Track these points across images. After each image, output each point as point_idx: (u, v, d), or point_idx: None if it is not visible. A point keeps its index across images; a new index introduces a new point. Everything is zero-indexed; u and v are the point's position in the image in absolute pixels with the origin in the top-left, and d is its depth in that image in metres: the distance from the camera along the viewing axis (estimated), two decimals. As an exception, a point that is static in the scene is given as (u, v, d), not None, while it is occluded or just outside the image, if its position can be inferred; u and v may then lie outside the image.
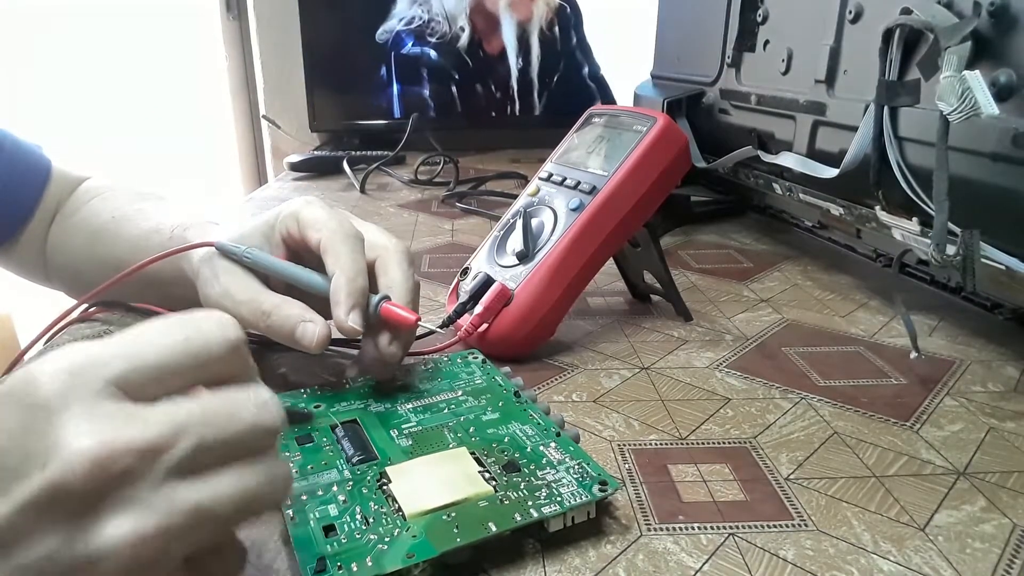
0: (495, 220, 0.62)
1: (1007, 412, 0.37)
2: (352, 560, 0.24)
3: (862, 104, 0.45)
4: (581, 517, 0.27)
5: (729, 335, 0.47)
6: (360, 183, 0.93)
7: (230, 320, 0.22)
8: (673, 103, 0.71)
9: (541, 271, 0.42)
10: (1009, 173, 0.35)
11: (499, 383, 0.36)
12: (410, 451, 0.30)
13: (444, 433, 0.31)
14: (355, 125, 1.22)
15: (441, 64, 1.20)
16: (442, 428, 0.32)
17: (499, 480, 0.28)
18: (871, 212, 0.47)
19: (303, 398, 0.35)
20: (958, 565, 0.26)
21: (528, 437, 0.31)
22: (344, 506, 0.27)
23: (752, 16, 0.61)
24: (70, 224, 0.48)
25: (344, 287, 0.34)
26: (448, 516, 0.26)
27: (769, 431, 0.35)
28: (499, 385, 0.36)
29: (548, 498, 0.27)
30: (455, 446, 0.30)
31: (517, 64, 1.22)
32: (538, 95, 1.24)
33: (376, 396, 0.35)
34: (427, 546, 0.24)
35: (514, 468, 0.29)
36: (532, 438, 0.31)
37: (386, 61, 1.19)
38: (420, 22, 1.17)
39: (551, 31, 1.21)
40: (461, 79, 1.21)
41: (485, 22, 1.19)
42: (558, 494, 0.27)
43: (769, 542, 0.27)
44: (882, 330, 0.48)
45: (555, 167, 0.49)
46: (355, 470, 0.29)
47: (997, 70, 0.35)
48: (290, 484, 0.22)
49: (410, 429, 0.32)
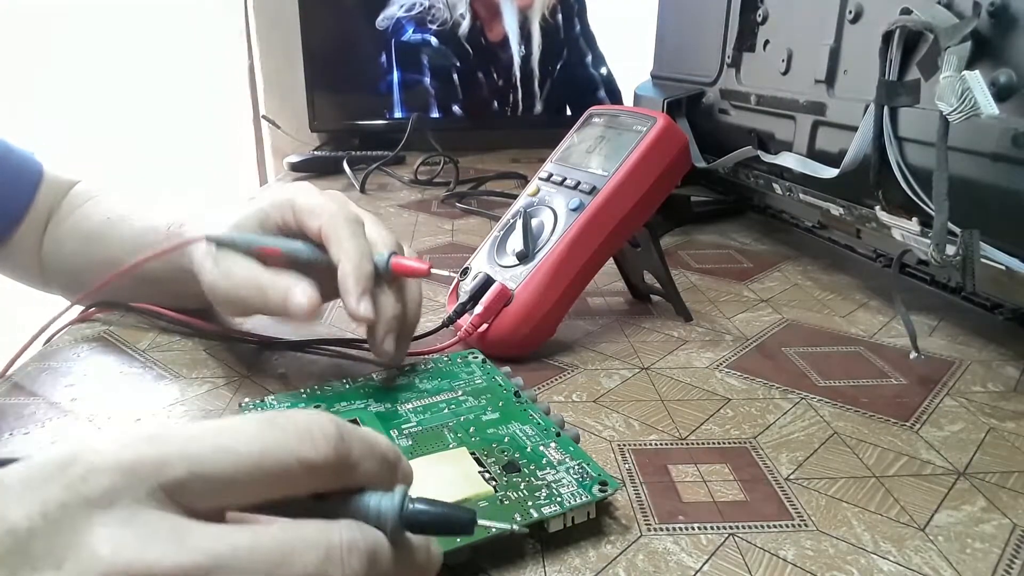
0: (495, 220, 0.62)
1: (1007, 412, 0.37)
2: None
3: (862, 104, 0.45)
4: (581, 517, 0.27)
5: (729, 335, 0.47)
6: (360, 183, 0.93)
7: (330, 424, 0.19)
8: (673, 103, 0.71)
9: (541, 271, 0.42)
10: (1009, 173, 0.35)
11: (499, 383, 0.36)
12: (410, 451, 0.30)
13: (444, 433, 0.32)
14: (355, 125, 1.22)
15: (442, 51, 1.19)
16: (442, 428, 0.32)
17: (499, 480, 0.28)
18: (871, 212, 0.47)
19: (303, 398, 0.35)
20: (958, 565, 0.26)
21: (528, 437, 0.31)
22: None
23: (752, 16, 0.61)
24: (64, 229, 0.48)
25: (351, 275, 0.33)
26: None
27: (769, 431, 0.35)
28: (499, 385, 0.36)
29: (548, 498, 0.27)
30: (455, 446, 0.30)
31: (519, 52, 1.21)
32: (540, 84, 1.23)
33: (376, 396, 0.35)
34: None
35: (514, 468, 0.29)
36: (532, 438, 0.31)
37: (386, 48, 1.18)
38: (421, 8, 1.17)
39: (554, 19, 1.21)
40: (462, 67, 1.21)
41: (486, 10, 1.19)
42: (558, 494, 0.27)
43: (769, 542, 0.27)
44: (882, 330, 0.48)
45: (555, 167, 0.49)
46: None
47: (997, 70, 0.35)
48: None
49: (410, 429, 0.32)
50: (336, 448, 0.18)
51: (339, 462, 0.19)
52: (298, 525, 0.18)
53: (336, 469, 0.19)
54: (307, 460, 0.18)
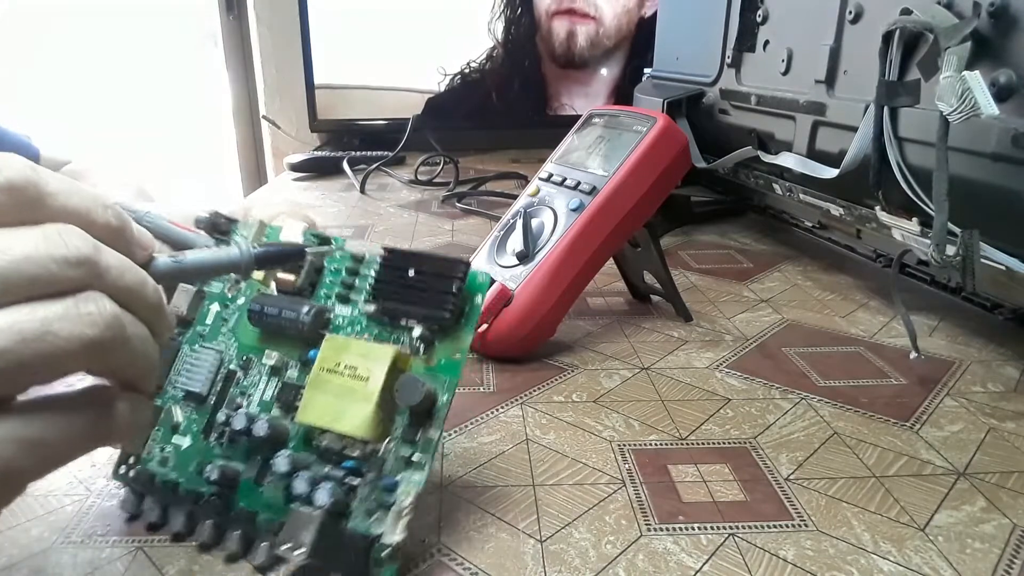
0: (495, 220, 0.62)
1: (1007, 412, 0.37)
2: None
3: (862, 104, 0.45)
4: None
5: (729, 335, 0.47)
6: (360, 183, 0.93)
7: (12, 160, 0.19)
8: (673, 103, 0.71)
9: (541, 271, 0.42)
10: (1009, 173, 0.35)
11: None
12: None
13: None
14: (355, 125, 1.22)
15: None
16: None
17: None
18: (871, 212, 0.47)
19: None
20: (958, 565, 0.26)
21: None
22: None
23: (752, 16, 0.61)
24: None
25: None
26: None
27: (769, 431, 0.35)
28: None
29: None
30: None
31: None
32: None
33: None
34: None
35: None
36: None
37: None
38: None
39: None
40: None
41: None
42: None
43: (769, 542, 0.27)
44: (882, 330, 0.48)
45: (555, 167, 0.49)
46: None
47: (997, 70, 0.35)
48: (106, 323, 0.19)
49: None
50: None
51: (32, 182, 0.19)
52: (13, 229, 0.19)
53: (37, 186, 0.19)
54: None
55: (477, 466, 0.32)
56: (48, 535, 0.27)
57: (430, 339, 0.28)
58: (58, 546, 0.27)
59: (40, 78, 1.17)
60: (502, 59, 1.21)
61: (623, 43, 1.22)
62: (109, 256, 0.20)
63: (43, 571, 0.26)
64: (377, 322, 0.29)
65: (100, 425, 0.21)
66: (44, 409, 0.20)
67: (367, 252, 0.29)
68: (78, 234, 0.19)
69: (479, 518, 0.29)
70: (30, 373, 0.18)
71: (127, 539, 0.27)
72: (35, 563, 0.26)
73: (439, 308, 0.28)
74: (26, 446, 0.19)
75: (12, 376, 0.18)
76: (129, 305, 0.20)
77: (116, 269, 0.20)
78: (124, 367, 0.21)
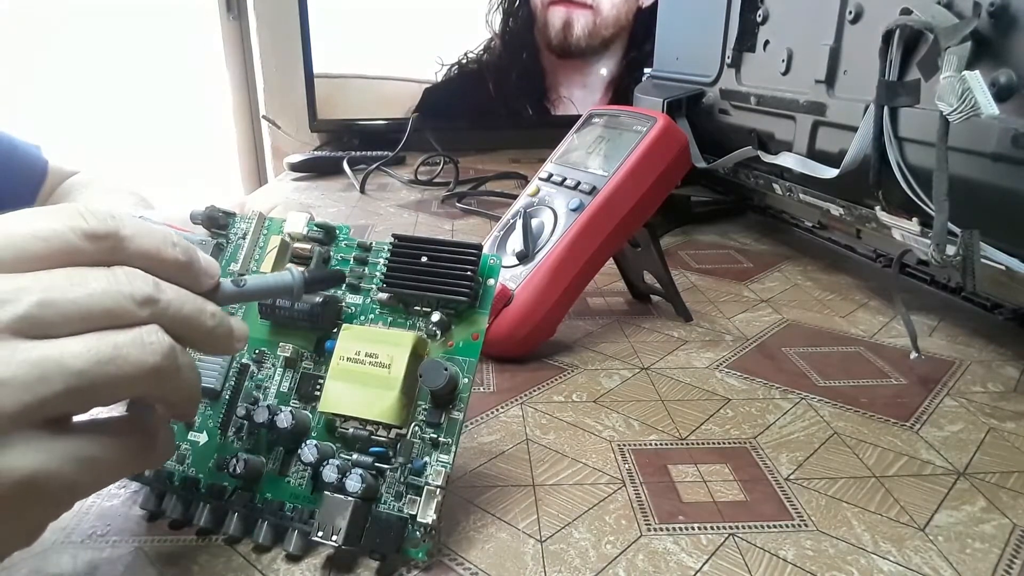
0: (495, 220, 0.62)
1: (1007, 412, 0.37)
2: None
3: (862, 104, 0.45)
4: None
5: (729, 335, 0.47)
6: (360, 183, 0.93)
7: (81, 211, 0.21)
8: (673, 103, 0.71)
9: (541, 271, 0.42)
10: (1009, 173, 0.35)
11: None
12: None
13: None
14: (355, 125, 1.22)
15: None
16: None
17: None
18: (871, 212, 0.47)
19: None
20: (958, 565, 0.26)
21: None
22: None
23: (752, 16, 0.61)
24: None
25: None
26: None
27: (769, 431, 0.35)
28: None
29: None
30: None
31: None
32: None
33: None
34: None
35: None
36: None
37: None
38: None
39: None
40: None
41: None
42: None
43: (769, 542, 0.27)
44: (882, 330, 0.48)
45: (555, 167, 0.49)
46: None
47: (997, 70, 0.35)
48: (163, 352, 0.21)
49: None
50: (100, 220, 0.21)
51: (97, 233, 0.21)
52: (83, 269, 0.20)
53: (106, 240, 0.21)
54: (76, 227, 0.20)
55: (477, 466, 0.32)
56: (48, 535, 0.27)
57: (447, 323, 0.28)
58: (58, 546, 0.27)
59: (40, 78, 1.17)
60: (499, 50, 1.21)
61: (621, 33, 1.22)
62: (169, 291, 0.22)
63: (43, 571, 0.26)
64: (391, 309, 0.29)
65: (147, 449, 0.23)
66: (100, 431, 0.21)
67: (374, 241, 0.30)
68: (141, 276, 0.21)
69: (479, 518, 0.29)
70: (98, 393, 0.20)
71: (127, 539, 0.27)
72: (35, 563, 0.26)
73: (457, 292, 0.28)
74: (85, 464, 0.20)
75: (84, 395, 0.19)
76: (186, 334, 0.22)
77: (176, 303, 0.22)
78: (173, 392, 0.22)
